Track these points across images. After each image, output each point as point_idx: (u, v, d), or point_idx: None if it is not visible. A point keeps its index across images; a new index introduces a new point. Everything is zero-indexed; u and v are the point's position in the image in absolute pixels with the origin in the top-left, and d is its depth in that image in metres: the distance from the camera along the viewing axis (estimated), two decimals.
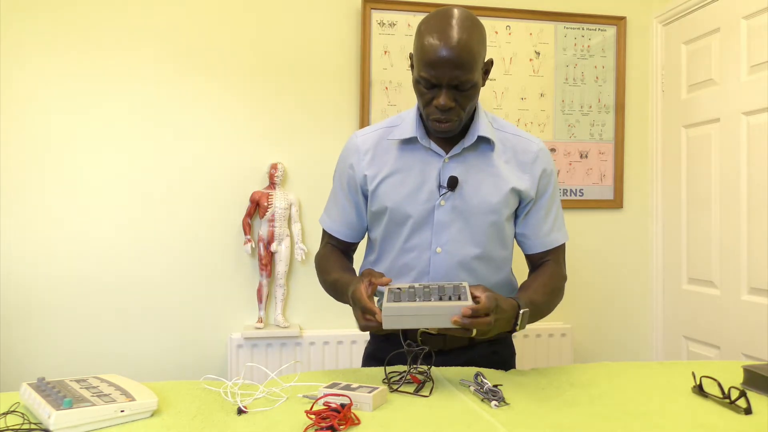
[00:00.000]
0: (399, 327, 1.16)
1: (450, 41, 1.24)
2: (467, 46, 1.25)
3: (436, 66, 1.25)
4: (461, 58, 1.24)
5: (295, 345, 2.43)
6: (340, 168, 1.50)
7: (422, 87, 1.30)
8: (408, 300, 1.16)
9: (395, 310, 1.14)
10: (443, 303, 1.14)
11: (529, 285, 1.42)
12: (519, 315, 1.24)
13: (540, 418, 1.03)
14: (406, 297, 1.16)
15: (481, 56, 1.30)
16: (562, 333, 2.62)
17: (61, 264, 2.35)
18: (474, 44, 1.26)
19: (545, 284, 1.41)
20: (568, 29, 2.68)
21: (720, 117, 2.37)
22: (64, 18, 2.34)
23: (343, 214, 1.50)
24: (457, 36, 1.24)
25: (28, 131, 2.33)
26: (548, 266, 1.47)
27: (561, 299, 1.47)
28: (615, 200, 2.74)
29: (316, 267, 1.53)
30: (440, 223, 1.38)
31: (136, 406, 0.98)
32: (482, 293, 1.18)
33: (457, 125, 1.33)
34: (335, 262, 1.49)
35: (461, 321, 1.13)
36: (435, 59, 1.24)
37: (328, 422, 0.95)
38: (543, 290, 1.39)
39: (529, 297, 1.32)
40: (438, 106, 1.28)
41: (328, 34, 2.52)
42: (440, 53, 1.24)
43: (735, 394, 1.07)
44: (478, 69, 1.30)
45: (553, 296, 1.43)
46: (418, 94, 1.33)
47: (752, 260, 2.21)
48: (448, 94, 1.27)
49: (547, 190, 1.44)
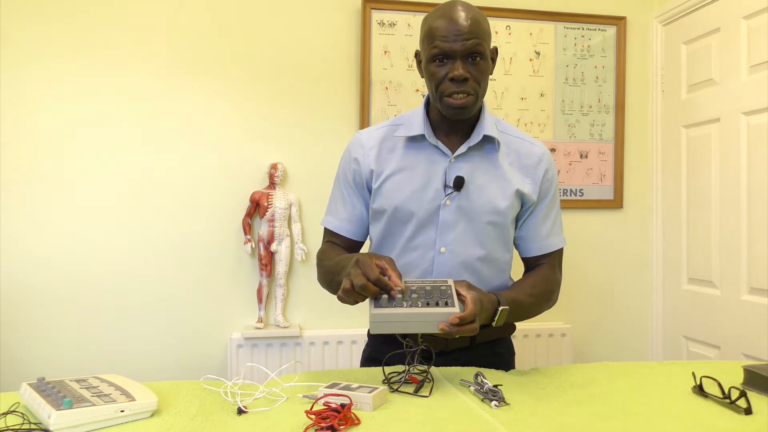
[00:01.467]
0: (386, 332, 1.15)
1: (459, 15, 1.30)
2: (475, 19, 1.31)
3: (448, 38, 1.29)
4: (472, 27, 1.30)
5: (295, 345, 2.43)
6: (345, 165, 1.48)
7: (435, 65, 1.32)
8: (395, 306, 1.15)
9: (382, 317, 1.13)
10: (430, 309, 1.14)
11: (517, 284, 1.43)
12: (497, 311, 1.26)
13: (540, 418, 1.03)
14: (393, 302, 1.15)
15: (488, 33, 1.34)
16: (562, 333, 2.62)
17: (61, 264, 2.35)
18: (481, 20, 1.33)
19: (534, 285, 1.42)
20: (568, 29, 2.68)
21: (720, 117, 2.37)
22: (64, 19, 2.34)
23: (353, 211, 1.48)
24: (464, 13, 1.31)
25: (28, 131, 2.32)
26: (542, 269, 1.47)
27: (552, 303, 1.47)
28: (615, 200, 2.74)
29: (317, 261, 1.49)
30: (445, 223, 1.38)
31: (136, 406, 0.98)
32: (467, 293, 1.19)
33: (473, 101, 1.33)
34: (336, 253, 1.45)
35: (448, 329, 1.12)
36: (447, 32, 1.29)
37: (328, 422, 0.94)
38: (530, 291, 1.40)
39: (512, 296, 1.33)
40: (454, 76, 1.30)
41: (328, 34, 2.52)
42: (451, 25, 1.29)
43: (735, 394, 1.07)
44: (488, 44, 1.34)
45: (542, 299, 1.43)
46: (430, 76, 1.34)
47: (752, 260, 2.21)
48: (462, 65, 1.30)
49: (548, 194, 1.45)
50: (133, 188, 2.40)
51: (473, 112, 1.37)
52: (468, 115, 1.36)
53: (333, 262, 1.39)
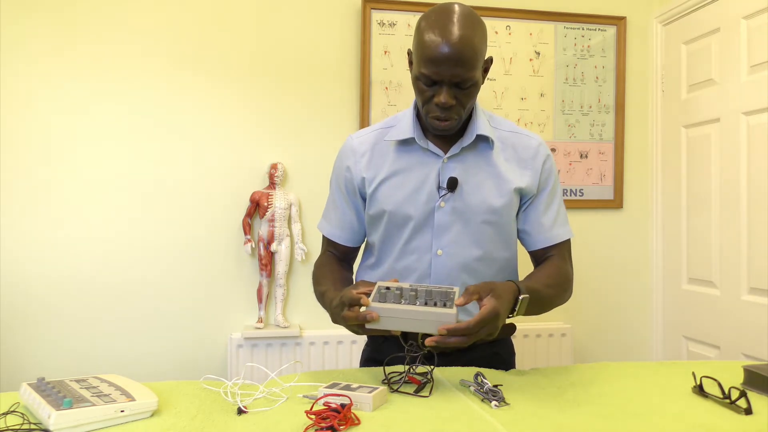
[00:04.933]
0: (382, 328, 1.14)
1: (451, 38, 1.22)
2: (469, 43, 1.23)
3: (437, 63, 1.23)
4: (463, 56, 1.22)
5: (295, 345, 2.43)
6: (337, 171, 1.48)
7: (422, 84, 1.28)
8: (393, 302, 1.14)
9: (379, 311, 1.13)
10: (426, 308, 1.13)
11: (532, 275, 1.38)
12: (518, 300, 1.21)
13: (540, 418, 1.03)
14: (392, 298, 1.15)
15: (482, 54, 1.28)
16: (562, 333, 2.62)
17: (61, 264, 2.35)
18: (476, 41, 1.24)
19: (549, 276, 1.37)
20: (568, 29, 2.68)
21: (720, 117, 2.37)
22: (64, 18, 2.34)
23: (343, 219, 1.48)
24: (458, 33, 1.22)
25: (28, 132, 2.33)
26: (553, 261, 1.42)
27: (569, 295, 1.43)
28: (615, 200, 2.74)
29: (312, 275, 1.50)
30: (440, 225, 1.37)
31: (136, 406, 0.98)
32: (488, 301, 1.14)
33: (456, 123, 1.32)
34: (329, 272, 1.45)
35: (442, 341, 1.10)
36: (436, 56, 1.22)
37: (328, 422, 0.94)
38: (546, 281, 1.34)
39: (530, 285, 1.27)
40: (438, 103, 1.27)
41: (328, 34, 2.52)
42: (442, 50, 1.22)
43: (735, 394, 1.07)
44: (479, 67, 1.28)
45: (559, 289, 1.38)
46: (418, 91, 1.31)
47: (752, 260, 2.21)
48: (449, 91, 1.26)
49: (547, 184, 1.42)
50: (133, 188, 2.40)
51: (456, 130, 1.35)
52: (452, 132, 1.34)
53: (321, 290, 1.39)
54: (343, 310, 1.18)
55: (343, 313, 1.17)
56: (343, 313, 1.17)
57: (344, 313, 1.17)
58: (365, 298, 1.14)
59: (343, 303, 1.18)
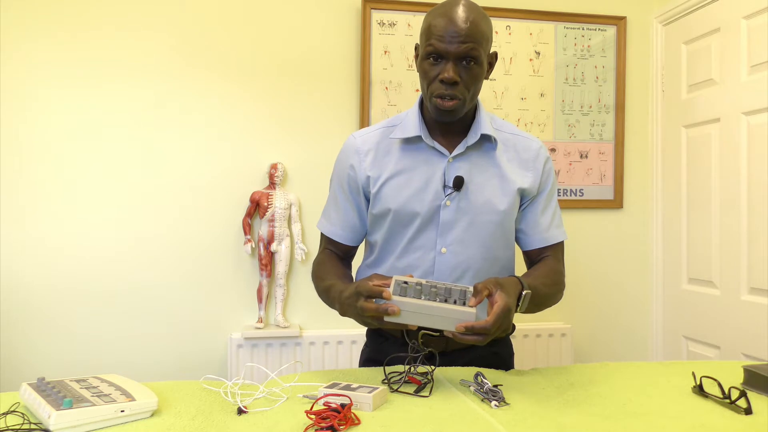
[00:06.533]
0: (401, 322, 1.14)
1: (458, 16, 1.28)
2: (475, 22, 1.28)
3: (444, 37, 1.28)
4: (469, 31, 1.27)
5: (295, 345, 2.43)
6: (339, 170, 1.47)
7: (428, 63, 1.31)
8: (413, 296, 1.14)
9: (399, 305, 1.13)
10: (449, 306, 1.13)
11: (529, 273, 1.39)
12: (522, 296, 1.22)
13: (540, 418, 1.03)
14: (412, 293, 1.15)
15: (487, 38, 1.32)
16: (562, 333, 2.62)
17: (61, 263, 2.35)
18: (482, 25, 1.30)
19: (546, 275, 1.39)
20: (568, 29, 2.68)
21: (720, 117, 2.37)
22: (64, 16, 2.34)
23: (345, 217, 1.48)
24: (465, 14, 1.28)
25: (27, 131, 2.33)
26: (548, 261, 1.44)
27: (561, 295, 1.44)
28: (615, 200, 2.74)
29: (312, 273, 1.50)
30: (446, 224, 1.37)
31: (136, 406, 0.98)
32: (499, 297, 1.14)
33: (460, 105, 1.32)
34: (332, 268, 1.46)
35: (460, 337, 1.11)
36: (444, 30, 1.28)
37: (328, 422, 0.95)
38: (543, 280, 1.36)
39: (531, 282, 1.28)
40: (444, 78, 1.29)
41: (328, 34, 2.52)
42: (449, 26, 1.27)
43: (735, 394, 1.07)
44: (485, 49, 1.31)
45: (555, 289, 1.40)
46: (423, 73, 1.34)
47: (752, 260, 2.21)
48: (454, 68, 1.29)
49: (546, 186, 1.44)
50: (134, 188, 2.40)
51: (460, 116, 1.36)
52: (454, 118, 1.35)
53: (325, 285, 1.39)
54: (358, 301, 1.17)
55: (360, 303, 1.16)
56: (360, 304, 1.16)
57: (362, 304, 1.16)
58: (387, 291, 1.14)
59: (359, 293, 1.17)
